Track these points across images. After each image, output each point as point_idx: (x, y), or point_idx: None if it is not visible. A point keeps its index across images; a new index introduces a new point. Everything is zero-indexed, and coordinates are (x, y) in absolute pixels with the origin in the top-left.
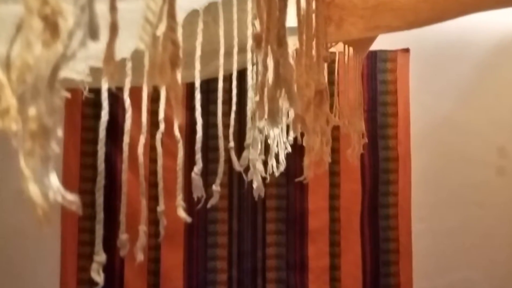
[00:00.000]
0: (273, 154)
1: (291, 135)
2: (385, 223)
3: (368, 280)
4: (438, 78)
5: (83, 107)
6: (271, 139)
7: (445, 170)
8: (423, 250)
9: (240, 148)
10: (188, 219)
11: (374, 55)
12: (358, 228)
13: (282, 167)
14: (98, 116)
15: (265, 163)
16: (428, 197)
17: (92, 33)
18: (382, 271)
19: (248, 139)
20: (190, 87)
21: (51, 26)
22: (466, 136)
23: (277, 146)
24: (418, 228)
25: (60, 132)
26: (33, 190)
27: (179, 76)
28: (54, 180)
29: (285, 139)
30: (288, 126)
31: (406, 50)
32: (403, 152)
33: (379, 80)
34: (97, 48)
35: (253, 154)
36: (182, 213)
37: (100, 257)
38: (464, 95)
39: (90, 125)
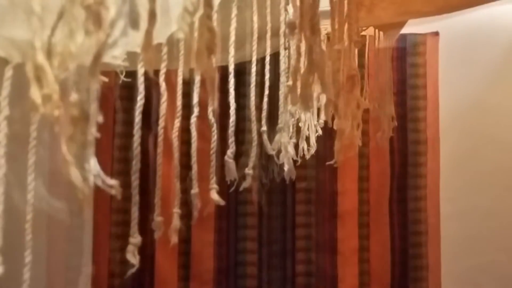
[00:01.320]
0: (304, 137)
1: (322, 118)
2: (414, 205)
3: (397, 261)
4: (467, 62)
5: (115, 89)
6: (302, 123)
7: (473, 153)
8: (451, 232)
9: (271, 131)
10: (222, 202)
11: (403, 38)
12: (387, 210)
13: (313, 150)
14: (130, 98)
15: (296, 146)
16: (457, 179)
17: (133, 22)
18: (411, 253)
19: (280, 123)
20: (222, 69)
21: (94, 15)
22: (495, 119)
23: (308, 129)
24: (446, 210)
25: (100, 118)
26: (75, 174)
27: (214, 62)
28: (94, 164)
29: (315, 122)
30: (318, 110)
31: (436, 34)
32: (432, 135)
33: (409, 63)
34: (135, 33)
35: (285, 137)
36: (215, 196)
37: (136, 239)
38: (492, 78)
39: (123, 106)
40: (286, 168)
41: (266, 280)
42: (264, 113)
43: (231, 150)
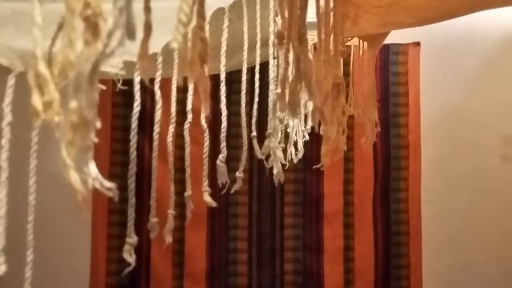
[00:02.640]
0: (292, 142)
1: (309, 124)
2: (396, 206)
3: (380, 260)
4: (447, 71)
5: (113, 96)
6: (291, 128)
7: (453, 157)
8: (432, 232)
9: (261, 136)
10: (214, 204)
11: (386, 48)
12: (371, 211)
13: (300, 154)
14: (127, 105)
15: (284, 150)
16: (437, 182)
17: (129, 33)
18: (393, 252)
19: (270, 129)
20: (214, 78)
21: (92, 26)
22: (473, 125)
23: (295, 134)
24: (427, 211)
25: (98, 124)
26: (74, 177)
27: (207, 70)
28: (93, 168)
29: (303, 128)
30: (306, 116)
31: (417, 44)
32: (413, 140)
33: (391, 72)
34: (131, 44)
35: (274, 142)
36: (208, 198)
37: (132, 239)
38: (471, 86)
39: (120, 113)
40: (275, 171)
41: (256, 278)
42: (254, 119)
43: (222, 155)
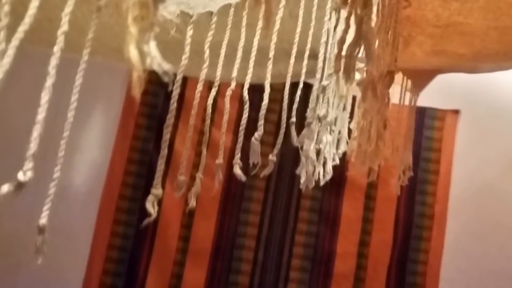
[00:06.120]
0: (322, 162)
1: (341, 149)
2: (412, 279)
3: None
4: (486, 144)
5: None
6: (323, 144)
7: (479, 237)
8: None
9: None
10: (243, 178)
11: (422, 111)
12: (384, 279)
13: (328, 177)
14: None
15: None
16: (459, 261)
17: None
18: None
19: (309, 118)
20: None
21: None
22: (506, 205)
23: (326, 154)
24: None
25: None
26: (133, 53)
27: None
28: (153, 49)
29: (334, 151)
30: (339, 141)
31: (456, 112)
32: (439, 211)
33: (425, 136)
34: None
35: (308, 145)
36: (238, 171)
37: (158, 190)
38: (508, 164)
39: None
40: (303, 177)
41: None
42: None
43: (259, 133)
